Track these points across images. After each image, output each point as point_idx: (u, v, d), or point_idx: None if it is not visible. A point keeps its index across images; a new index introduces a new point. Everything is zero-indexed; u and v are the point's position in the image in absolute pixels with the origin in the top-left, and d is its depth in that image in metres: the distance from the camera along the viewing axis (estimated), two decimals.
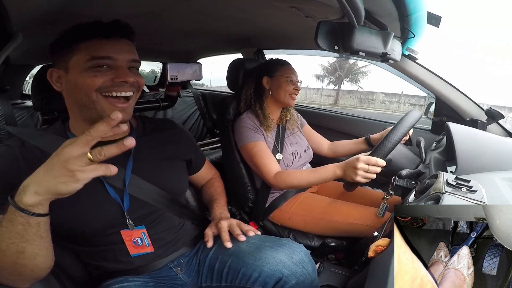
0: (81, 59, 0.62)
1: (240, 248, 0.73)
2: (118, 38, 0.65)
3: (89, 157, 0.46)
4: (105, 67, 0.63)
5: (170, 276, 0.74)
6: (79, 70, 0.62)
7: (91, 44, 0.62)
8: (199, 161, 0.94)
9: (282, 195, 1.18)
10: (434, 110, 1.41)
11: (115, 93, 0.63)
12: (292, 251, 0.71)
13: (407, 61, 1.27)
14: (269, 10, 0.96)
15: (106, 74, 0.62)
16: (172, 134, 0.83)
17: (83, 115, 0.66)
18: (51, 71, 0.65)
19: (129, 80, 0.64)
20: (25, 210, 0.47)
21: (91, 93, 0.61)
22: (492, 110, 1.18)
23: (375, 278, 0.56)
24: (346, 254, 1.06)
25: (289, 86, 1.16)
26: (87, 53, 0.61)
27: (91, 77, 0.61)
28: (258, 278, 0.68)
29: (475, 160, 0.86)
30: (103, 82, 0.62)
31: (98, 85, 0.61)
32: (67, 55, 0.63)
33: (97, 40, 0.62)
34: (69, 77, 0.63)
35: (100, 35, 0.63)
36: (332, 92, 25.80)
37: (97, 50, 0.62)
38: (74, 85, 0.63)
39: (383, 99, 23.05)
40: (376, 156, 0.88)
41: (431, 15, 0.97)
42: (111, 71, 0.63)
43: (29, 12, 0.68)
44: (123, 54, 0.64)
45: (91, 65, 0.61)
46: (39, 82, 0.84)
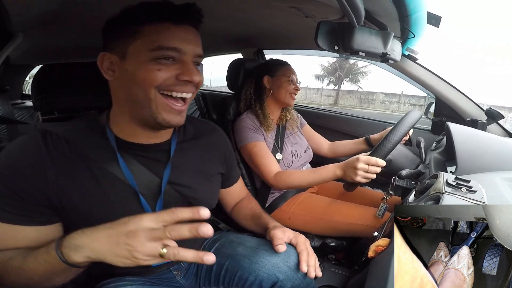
0: (144, 46, 0.52)
1: (237, 251, 0.73)
2: (187, 26, 0.55)
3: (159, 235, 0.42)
4: (170, 60, 0.54)
5: (168, 278, 0.74)
6: (140, 59, 0.52)
7: (158, 29, 0.52)
8: (234, 174, 0.85)
9: (282, 195, 1.18)
10: (434, 110, 1.41)
11: (175, 93, 0.55)
12: (288, 256, 0.69)
13: (407, 61, 1.27)
14: (269, 10, 0.96)
15: (171, 69, 0.54)
16: (212, 140, 0.75)
17: (133, 112, 0.57)
18: (103, 55, 0.55)
19: (195, 79, 0.55)
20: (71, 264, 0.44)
21: (150, 89, 0.53)
22: (492, 110, 1.18)
23: (375, 278, 0.56)
24: (346, 254, 1.06)
25: (290, 86, 1.17)
26: (152, 40, 0.52)
27: (153, 71, 0.52)
28: (254, 282, 0.67)
29: (475, 160, 0.86)
30: (166, 78, 0.53)
31: (160, 81, 0.53)
32: (126, 38, 0.53)
33: (165, 25, 0.53)
34: (126, 66, 0.54)
35: (169, 19, 0.53)
36: (332, 92, 25.81)
37: (165, 38, 0.52)
38: (131, 77, 0.53)
39: (383, 99, 23.06)
40: (376, 156, 0.88)
41: (431, 15, 0.97)
42: (176, 65, 0.54)
43: (29, 12, 0.68)
44: (192, 47, 0.55)
45: (155, 55, 0.52)
46: (39, 82, 0.84)
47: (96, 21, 0.68)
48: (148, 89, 0.53)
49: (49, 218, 0.54)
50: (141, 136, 0.61)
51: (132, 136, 0.60)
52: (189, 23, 0.56)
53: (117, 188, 0.57)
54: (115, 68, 0.55)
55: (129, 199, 0.59)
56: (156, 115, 0.55)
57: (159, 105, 0.55)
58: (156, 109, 0.55)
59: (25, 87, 2.38)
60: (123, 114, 0.59)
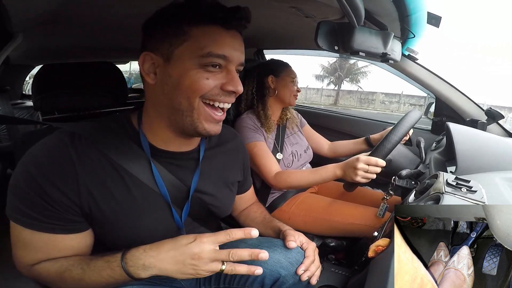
0: (192, 50, 0.49)
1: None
2: (235, 32, 0.53)
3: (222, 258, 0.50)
4: (217, 68, 0.51)
5: (169, 279, 0.74)
6: (187, 65, 0.49)
7: (209, 32, 0.49)
8: (248, 180, 0.86)
9: (282, 195, 1.18)
10: (434, 110, 1.41)
11: (218, 103, 0.53)
12: (290, 252, 0.70)
13: (407, 61, 1.27)
14: (269, 10, 0.96)
15: (217, 78, 0.51)
16: (232, 147, 0.74)
17: (172, 119, 0.54)
18: (145, 55, 0.51)
19: (239, 90, 0.53)
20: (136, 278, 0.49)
21: (195, 98, 0.51)
22: (492, 110, 1.18)
23: (375, 278, 0.56)
24: (346, 254, 1.06)
25: (294, 87, 1.19)
26: (202, 45, 0.48)
27: (201, 79, 0.50)
28: (256, 279, 0.67)
29: (475, 160, 0.86)
30: (213, 88, 0.51)
31: (206, 90, 0.51)
32: (173, 39, 0.49)
33: (215, 29, 0.49)
34: (170, 70, 0.50)
35: (220, 23, 0.50)
36: (332, 92, 25.80)
37: (215, 44, 0.49)
38: (176, 83, 0.50)
39: (383, 99, 23.05)
40: (376, 156, 0.88)
41: (431, 15, 0.98)
42: (221, 74, 0.52)
43: (29, 12, 0.68)
44: (238, 54, 0.53)
45: (204, 62, 0.49)
46: (39, 82, 0.84)
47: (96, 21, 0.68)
48: (193, 98, 0.51)
49: (82, 225, 0.54)
50: (173, 144, 0.59)
51: (165, 143, 0.58)
52: (237, 29, 0.53)
53: (149, 197, 0.56)
54: (157, 70, 0.52)
55: (160, 208, 0.58)
56: (197, 124, 0.53)
57: (201, 114, 0.53)
58: (198, 119, 0.53)
59: (25, 87, 2.38)
60: (160, 120, 0.55)
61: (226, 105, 0.55)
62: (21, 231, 0.50)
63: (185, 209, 0.61)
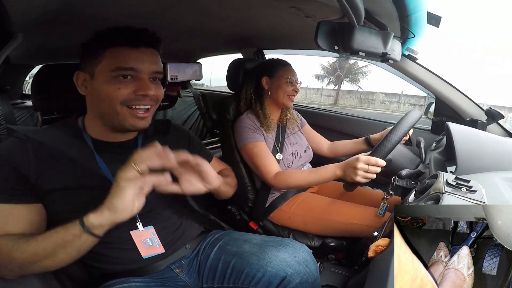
0: (106, 67, 0.62)
1: (243, 249, 0.74)
2: (144, 48, 0.65)
3: (136, 168, 0.52)
4: (129, 78, 0.63)
5: (171, 277, 0.74)
6: (104, 78, 0.63)
7: (117, 52, 0.62)
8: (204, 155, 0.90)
9: (282, 195, 1.18)
10: (434, 110, 1.41)
11: (135, 106, 0.65)
12: (295, 251, 0.72)
13: (407, 61, 1.27)
14: (269, 10, 0.96)
15: (129, 86, 0.63)
16: (173, 136, 0.83)
17: (104, 120, 0.67)
18: (78, 74, 0.66)
19: (150, 93, 0.64)
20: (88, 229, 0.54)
21: (116, 105, 0.63)
22: (492, 110, 1.18)
23: (375, 278, 0.56)
24: (346, 254, 1.06)
25: (288, 87, 1.15)
26: (112, 62, 0.62)
27: (115, 90, 0.62)
28: (262, 278, 0.68)
29: (475, 160, 0.86)
30: (126, 95, 0.63)
31: (122, 98, 0.63)
32: (94, 60, 0.63)
33: (123, 49, 0.63)
34: (94, 84, 0.64)
35: (127, 44, 0.63)
36: (332, 92, 25.80)
37: (122, 60, 0.62)
38: (98, 94, 0.64)
39: (383, 99, 23.05)
40: (376, 156, 0.88)
41: (431, 15, 0.97)
42: (134, 82, 0.64)
43: (29, 12, 0.68)
44: (146, 65, 0.65)
45: (115, 75, 0.62)
46: (39, 82, 0.84)
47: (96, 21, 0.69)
48: (114, 105, 0.63)
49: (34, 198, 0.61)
50: (111, 136, 0.70)
51: (105, 136, 0.70)
52: (145, 46, 0.65)
53: (96, 180, 0.65)
54: (87, 84, 0.66)
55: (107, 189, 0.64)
56: (123, 123, 0.65)
57: (125, 115, 0.64)
58: (123, 119, 0.64)
59: (25, 87, 2.38)
60: (96, 120, 0.68)
61: (143, 107, 0.66)
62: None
63: None
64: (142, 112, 0.66)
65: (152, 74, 0.66)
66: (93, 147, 0.68)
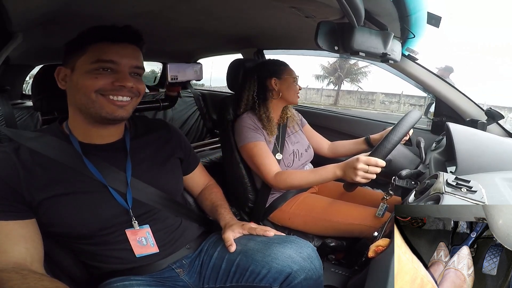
0: (87, 60, 0.64)
1: (248, 246, 0.74)
2: (126, 44, 0.67)
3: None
4: (108, 71, 0.65)
5: (172, 277, 0.74)
6: (83, 70, 0.64)
7: (99, 47, 0.64)
8: (192, 160, 0.93)
9: (282, 195, 1.18)
10: (434, 110, 1.41)
11: (113, 96, 0.65)
12: (300, 247, 0.72)
13: (407, 61, 1.27)
14: (269, 10, 0.97)
15: (108, 77, 0.64)
16: (162, 134, 0.83)
17: (83, 115, 0.67)
18: (59, 69, 0.68)
19: (128, 85, 0.65)
20: None
21: (90, 93, 0.63)
22: (492, 110, 1.18)
23: (375, 278, 0.56)
24: (346, 254, 1.06)
25: (296, 86, 1.19)
26: (93, 55, 0.64)
27: (92, 79, 0.63)
28: (267, 275, 0.68)
29: (475, 160, 0.86)
30: (103, 84, 0.64)
31: (98, 87, 0.63)
32: (77, 55, 0.65)
33: (105, 44, 0.65)
34: (73, 77, 0.65)
35: (108, 39, 0.65)
36: (332, 93, 25.77)
37: (103, 53, 0.64)
38: (75, 85, 0.65)
39: (383, 99, 23.03)
40: (376, 156, 0.88)
41: (431, 15, 0.97)
42: (113, 75, 0.65)
43: (29, 12, 0.68)
44: (126, 59, 0.66)
45: (95, 67, 0.63)
46: (39, 82, 0.84)
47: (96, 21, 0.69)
48: (88, 93, 0.63)
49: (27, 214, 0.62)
50: (96, 137, 0.71)
51: (91, 138, 0.70)
52: (127, 41, 0.67)
53: (87, 183, 0.66)
54: (67, 79, 0.67)
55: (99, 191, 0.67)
56: (100, 111, 0.65)
57: (101, 103, 0.64)
58: (100, 107, 0.64)
59: (25, 87, 2.37)
60: (77, 117, 0.68)
61: (120, 98, 0.66)
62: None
63: (128, 192, 0.70)
64: (120, 100, 0.67)
65: (132, 69, 0.67)
66: (81, 150, 0.68)
